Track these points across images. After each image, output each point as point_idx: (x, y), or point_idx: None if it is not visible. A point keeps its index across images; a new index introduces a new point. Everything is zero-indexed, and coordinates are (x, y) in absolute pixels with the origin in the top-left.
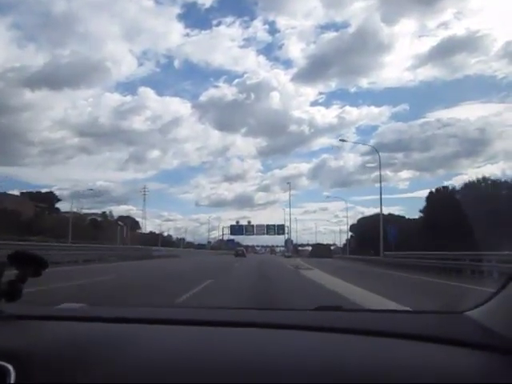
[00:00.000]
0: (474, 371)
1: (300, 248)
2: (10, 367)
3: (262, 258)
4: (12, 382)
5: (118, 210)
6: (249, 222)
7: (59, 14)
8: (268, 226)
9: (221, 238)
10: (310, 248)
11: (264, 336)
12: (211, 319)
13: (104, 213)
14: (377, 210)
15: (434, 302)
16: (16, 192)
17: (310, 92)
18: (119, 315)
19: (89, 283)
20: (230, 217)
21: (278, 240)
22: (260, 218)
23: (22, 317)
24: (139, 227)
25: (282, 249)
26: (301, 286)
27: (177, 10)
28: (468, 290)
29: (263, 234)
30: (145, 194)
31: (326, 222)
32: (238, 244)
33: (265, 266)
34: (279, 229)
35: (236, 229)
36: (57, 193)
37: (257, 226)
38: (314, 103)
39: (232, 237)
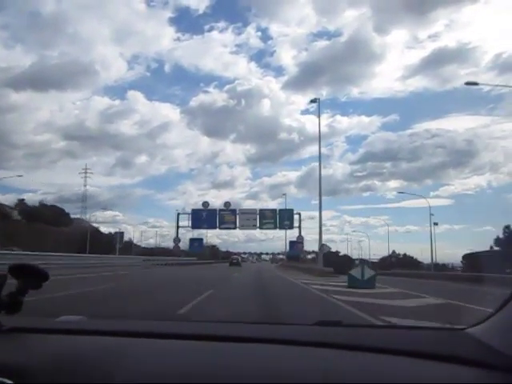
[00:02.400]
0: None
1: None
2: (10, 382)
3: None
4: None
5: (104, 216)
6: (227, 205)
7: (48, 14)
8: (262, 211)
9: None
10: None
11: (263, 351)
12: (210, 334)
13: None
14: (364, 220)
15: None
16: None
17: (301, 100)
18: (118, 328)
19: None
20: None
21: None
22: None
23: (22, 330)
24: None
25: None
26: None
27: (168, 14)
28: None
29: (253, 226)
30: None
31: (314, 230)
32: (217, 249)
33: None
34: (284, 217)
35: (202, 216)
36: (41, 197)
37: (241, 212)
38: (305, 111)
39: (199, 233)
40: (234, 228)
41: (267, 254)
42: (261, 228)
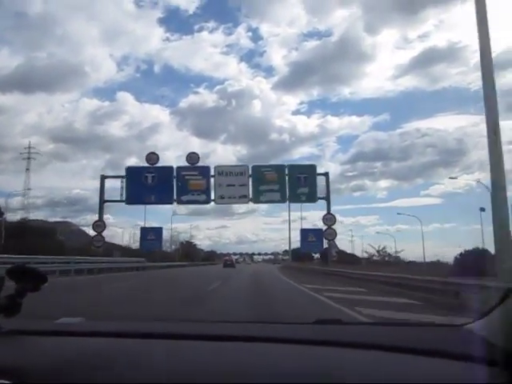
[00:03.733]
0: None
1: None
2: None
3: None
4: None
5: (95, 219)
6: (193, 159)
7: (35, 15)
8: (258, 169)
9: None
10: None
11: (263, 350)
12: (210, 333)
13: None
14: (355, 219)
15: None
16: None
17: (292, 100)
18: (117, 330)
19: None
20: (209, 226)
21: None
22: (239, 227)
23: (21, 332)
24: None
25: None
26: None
27: (158, 14)
28: None
29: (241, 198)
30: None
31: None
32: (194, 247)
33: None
34: (298, 180)
35: (146, 182)
36: (31, 201)
37: (219, 172)
38: (296, 112)
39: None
40: (206, 202)
41: (259, 254)
42: (256, 201)
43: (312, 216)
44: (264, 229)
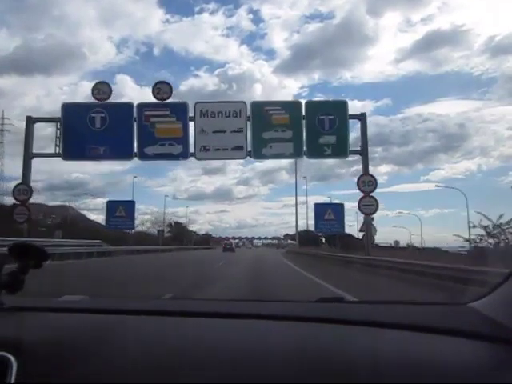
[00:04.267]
0: (478, 362)
1: None
2: (12, 358)
3: None
4: (13, 371)
5: (95, 203)
6: (158, 89)
7: None
8: (260, 106)
9: None
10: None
11: (264, 327)
12: (212, 311)
13: None
14: (354, 205)
15: None
16: None
17: (293, 84)
18: (120, 307)
19: None
20: (209, 210)
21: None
22: (239, 212)
23: (23, 309)
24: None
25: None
26: None
27: None
28: None
29: (236, 150)
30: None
31: (305, 215)
32: (184, 229)
33: None
34: (320, 124)
35: (84, 126)
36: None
37: (202, 111)
38: (297, 96)
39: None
40: (183, 156)
41: (259, 238)
42: (257, 155)
43: (318, 200)
44: (263, 213)
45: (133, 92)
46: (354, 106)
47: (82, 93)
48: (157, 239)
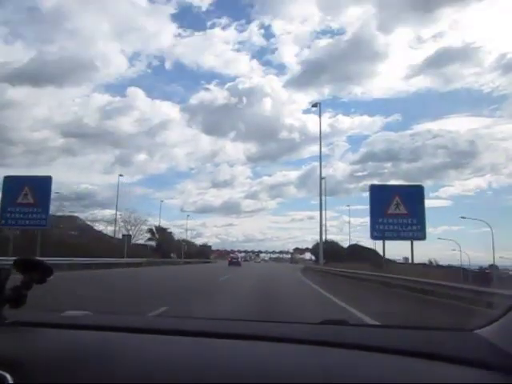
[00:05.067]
0: None
1: None
2: (8, 375)
3: None
4: None
5: (103, 214)
6: None
7: (47, 9)
8: None
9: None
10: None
11: (267, 349)
12: (215, 331)
13: None
14: (363, 220)
15: None
16: None
17: (303, 99)
18: (122, 324)
19: None
20: (216, 223)
21: None
22: (246, 226)
23: (26, 324)
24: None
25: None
26: None
27: (170, 10)
28: None
29: None
30: None
31: (313, 230)
32: (169, 236)
33: None
34: None
35: None
36: None
37: None
38: (307, 111)
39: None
40: None
41: (267, 252)
42: None
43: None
44: (271, 227)
45: (144, 104)
46: (364, 122)
47: (94, 105)
48: (119, 247)
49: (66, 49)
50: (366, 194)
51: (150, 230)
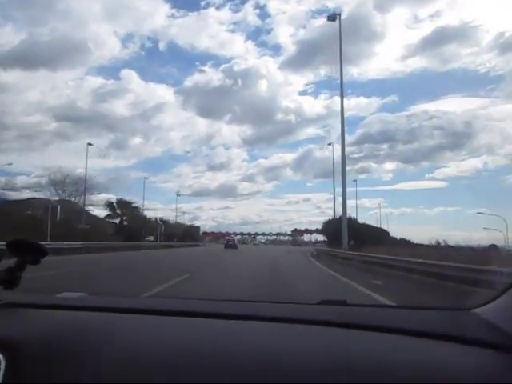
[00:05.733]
0: (481, 369)
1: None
2: (1, 356)
3: None
4: (1, 370)
5: (99, 199)
6: None
7: None
8: None
9: None
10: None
11: (266, 329)
12: (214, 311)
13: None
14: (360, 202)
15: None
16: None
17: (299, 80)
18: (118, 305)
19: None
20: (212, 206)
21: None
22: (242, 209)
23: (20, 305)
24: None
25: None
26: None
27: None
28: None
29: None
30: None
31: (309, 213)
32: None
33: None
34: None
35: None
36: (34, 180)
37: None
38: (303, 92)
39: None
40: None
41: (263, 234)
42: None
43: (316, 198)
44: (267, 210)
45: (138, 87)
46: (361, 103)
47: (87, 88)
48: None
49: (57, 30)
50: (362, 176)
51: (110, 205)
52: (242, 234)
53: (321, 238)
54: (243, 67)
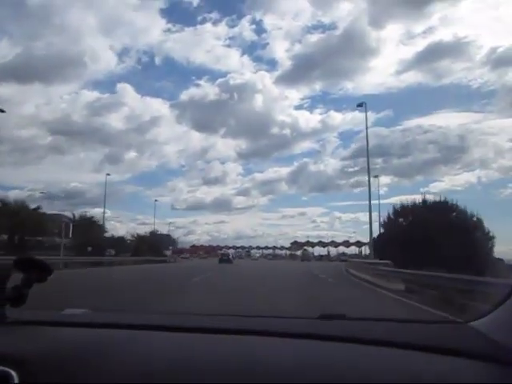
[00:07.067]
0: (477, 382)
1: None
2: (13, 373)
3: None
4: None
5: (93, 213)
6: None
7: (34, 4)
8: None
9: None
10: None
11: (266, 344)
12: (213, 326)
13: None
14: (353, 216)
15: None
16: None
17: (294, 95)
18: (121, 321)
19: None
20: (207, 220)
21: None
22: (237, 223)
23: (27, 322)
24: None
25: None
26: None
27: (160, 4)
28: None
29: None
30: None
31: (304, 227)
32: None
33: None
34: None
35: None
36: (27, 194)
37: None
38: (298, 107)
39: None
40: None
41: (258, 248)
42: None
43: (311, 212)
44: (262, 224)
45: (134, 101)
46: (356, 118)
47: (82, 102)
48: None
49: (53, 44)
50: (357, 190)
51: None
52: (234, 247)
53: (347, 250)
54: (239, 82)
